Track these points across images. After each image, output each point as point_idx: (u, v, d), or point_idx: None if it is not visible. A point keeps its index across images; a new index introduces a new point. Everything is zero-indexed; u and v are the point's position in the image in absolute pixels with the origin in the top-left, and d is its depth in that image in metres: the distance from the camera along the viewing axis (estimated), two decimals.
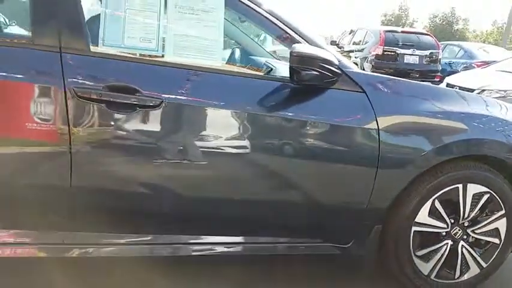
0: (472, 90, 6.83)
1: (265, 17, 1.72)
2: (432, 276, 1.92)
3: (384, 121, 1.72)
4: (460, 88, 7.13)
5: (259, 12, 1.72)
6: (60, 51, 1.47)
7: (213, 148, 1.60)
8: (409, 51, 9.45)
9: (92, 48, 1.53)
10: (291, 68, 1.58)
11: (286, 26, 1.74)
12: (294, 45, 1.58)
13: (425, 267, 1.90)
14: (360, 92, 1.74)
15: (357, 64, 9.98)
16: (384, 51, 9.40)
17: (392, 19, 50.17)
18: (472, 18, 55.00)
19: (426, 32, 10.71)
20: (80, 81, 1.47)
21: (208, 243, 1.74)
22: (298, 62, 1.56)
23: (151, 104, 1.52)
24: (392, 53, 9.40)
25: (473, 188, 1.85)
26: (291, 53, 1.56)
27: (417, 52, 9.47)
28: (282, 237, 1.80)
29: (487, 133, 1.90)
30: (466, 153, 1.85)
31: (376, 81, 1.84)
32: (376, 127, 1.71)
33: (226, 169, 1.65)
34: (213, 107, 1.61)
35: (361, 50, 10.27)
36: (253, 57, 2.40)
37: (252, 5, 1.71)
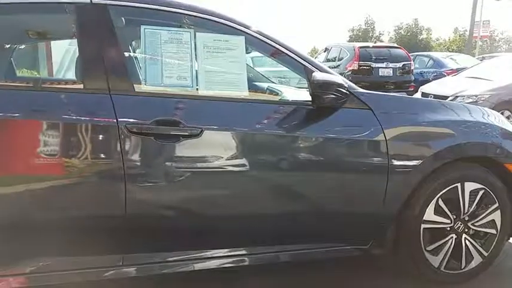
0: (446, 97, 7.28)
1: (281, 51, 1.97)
2: (442, 268, 2.15)
3: (390, 133, 1.98)
4: (435, 96, 7.60)
5: (276, 47, 1.97)
6: (110, 93, 1.67)
7: (249, 167, 1.81)
8: (383, 65, 9.94)
9: (136, 88, 1.74)
10: (312, 94, 1.83)
11: (299, 56, 1.99)
12: (313, 74, 1.83)
13: (435, 260, 2.13)
14: (367, 109, 2.00)
15: None
16: (360, 66, 9.85)
17: (360, 33, 51.87)
18: (434, 27, 57.41)
19: (397, 46, 11.27)
20: (130, 118, 1.66)
21: (248, 254, 1.93)
22: (319, 88, 1.81)
23: (192, 134, 1.72)
24: (367, 67, 9.86)
25: (469, 186, 2.12)
26: (312, 81, 1.81)
27: (390, 65, 9.96)
28: (311, 244, 2.01)
29: (474, 136, 2.18)
30: (459, 156, 2.12)
31: (378, 98, 2.10)
32: (384, 138, 1.96)
33: (264, 185, 1.86)
34: (245, 131, 1.83)
35: (337, 66, 10.69)
36: (255, 83, 2.64)
37: (268, 41, 1.96)
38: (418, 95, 8.21)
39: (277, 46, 1.97)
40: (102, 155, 1.65)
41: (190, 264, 1.83)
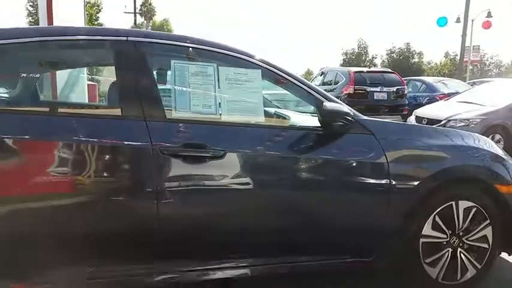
0: (439, 121, 7.59)
1: (293, 82, 2.22)
2: (439, 279, 2.35)
3: (391, 155, 2.20)
4: (428, 120, 7.90)
5: (288, 78, 2.21)
6: (145, 119, 1.89)
7: (266, 185, 2.03)
8: (378, 89, 10.28)
9: (168, 115, 1.96)
10: (323, 121, 2.06)
11: (309, 87, 2.24)
12: (324, 104, 2.07)
13: (433, 272, 2.33)
14: (369, 134, 2.23)
15: None
16: (355, 90, 10.18)
17: (353, 57, 52.90)
18: (425, 50, 58.74)
19: (391, 71, 11.67)
20: (163, 141, 1.88)
21: (263, 265, 2.12)
22: (329, 116, 2.05)
23: (216, 155, 1.94)
24: (362, 91, 10.19)
25: (463, 204, 2.33)
26: (323, 110, 2.04)
27: (385, 89, 10.31)
28: (318, 256, 2.20)
29: (466, 159, 2.41)
30: (453, 177, 2.35)
31: (379, 124, 2.34)
32: (386, 160, 2.19)
33: (279, 202, 2.07)
34: (262, 153, 2.06)
35: (333, 90, 11.03)
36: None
37: (281, 73, 2.21)
38: (412, 118, 8.52)
39: (290, 78, 2.23)
40: (139, 173, 1.86)
41: (211, 274, 2.02)
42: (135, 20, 36.36)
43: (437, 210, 2.29)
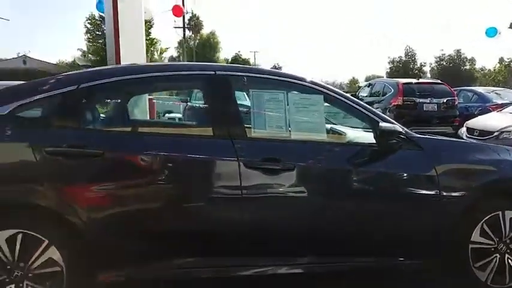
0: (492, 133, 7.53)
1: (351, 105, 2.57)
2: (488, 282, 2.57)
3: (440, 169, 2.48)
4: (481, 131, 7.84)
5: (348, 101, 2.57)
6: (232, 139, 2.32)
7: (331, 194, 2.40)
8: (427, 100, 10.28)
9: (248, 134, 2.38)
10: (379, 139, 2.39)
11: (365, 109, 2.58)
12: (380, 125, 2.40)
13: (482, 275, 2.56)
14: (420, 150, 2.53)
15: None
16: (404, 101, 10.25)
17: (400, 65, 51.78)
18: (477, 56, 56.27)
19: (440, 82, 11.60)
20: (248, 157, 2.28)
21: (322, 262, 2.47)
22: (384, 135, 2.38)
23: (288, 168, 2.32)
24: (411, 103, 10.24)
25: (509, 214, 2.56)
26: (379, 129, 2.37)
27: (434, 100, 10.29)
28: (377, 257, 2.51)
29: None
30: (499, 189, 2.59)
31: (429, 141, 2.64)
32: (435, 173, 2.47)
33: (342, 209, 2.42)
34: (326, 166, 2.43)
35: (381, 101, 11.15)
36: None
37: (342, 99, 2.57)
38: (463, 130, 8.47)
39: (348, 102, 2.59)
40: (228, 182, 2.29)
41: (287, 268, 2.41)
42: (184, 34, 37.93)
43: (485, 219, 2.53)
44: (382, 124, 2.42)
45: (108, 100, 2.83)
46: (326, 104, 2.61)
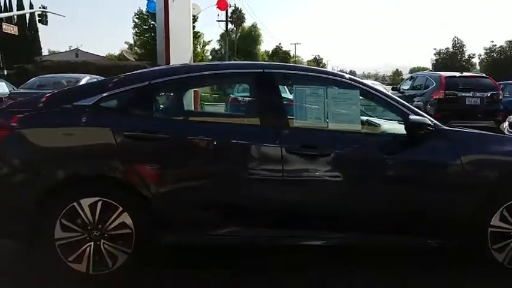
0: None
1: (385, 99, 2.88)
2: (505, 263, 2.82)
3: (466, 159, 2.74)
4: None
5: (381, 95, 2.88)
6: (276, 128, 2.70)
7: (364, 177, 2.73)
8: (470, 94, 10.17)
9: (291, 124, 2.75)
10: (409, 130, 2.69)
11: (397, 103, 2.87)
12: (410, 117, 2.69)
13: (500, 257, 2.81)
14: (447, 141, 2.80)
15: (420, 108, 10.84)
16: (446, 95, 10.19)
17: (447, 57, 49.94)
18: None
19: (484, 76, 11.38)
20: (288, 143, 2.66)
21: (354, 237, 2.81)
22: (414, 127, 2.67)
23: (325, 154, 2.68)
24: (453, 97, 10.17)
25: None
26: (409, 122, 2.67)
27: (477, 94, 10.16)
28: (405, 235, 2.82)
29: None
30: None
31: (456, 133, 2.90)
32: (460, 163, 2.74)
33: (374, 190, 2.75)
34: (360, 153, 2.76)
35: (423, 95, 11.12)
36: None
37: (376, 93, 2.88)
38: (505, 124, 8.39)
39: (382, 96, 2.89)
40: (272, 165, 2.67)
41: (321, 240, 2.79)
42: (226, 27, 38.63)
43: (506, 205, 2.77)
44: (412, 117, 2.72)
45: (172, 94, 3.30)
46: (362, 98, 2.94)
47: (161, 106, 2.99)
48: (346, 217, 2.76)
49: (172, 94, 3.32)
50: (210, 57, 52.46)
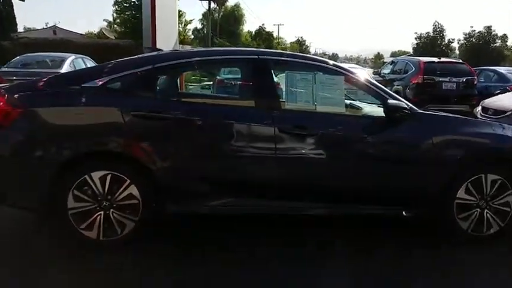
0: (504, 112, 7.93)
1: (366, 85, 3.20)
2: (469, 231, 3.22)
3: (437, 139, 3.10)
4: (494, 110, 8.24)
5: (363, 81, 3.20)
6: (270, 110, 2.98)
7: (346, 154, 3.06)
8: (447, 79, 10.64)
9: (282, 107, 3.04)
10: (387, 113, 3.01)
11: (378, 88, 3.20)
12: (388, 101, 3.02)
13: (464, 225, 3.20)
14: (421, 122, 3.14)
15: (399, 92, 11.29)
16: (424, 80, 10.63)
17: (428, 41, 50.68)
18: (511, 33, 54.35)
19: (461, 61, 11.85)
20: (280, 124, 2.95)
21: (338, 207, 3.15)
22: (392, 110, 3.00)
23: (312, 133, 2.99)
24: (431, 81, 10.61)
25: (489, 177, 3.16)
26: (388, 105, 3.00)
27: (454, 79, 10.63)
28: (380, 205, 3.18)
29: (497, 144, 3.23)
30: (483, 156, 3.19)
31: (429, 116, 3.25)
32: (432, 142, 3.09)
33: (353, 165, 3.08)
34: (343, 134, 3.08)
35: (402, 79, 11.54)
36: None
37: (358, 78, 3.19)
38: (478, 109, 8.86)
39: (364, 81, 3.21)
40: (266, 142, 2.96)
41: (309, 210, 3.12)
42: (209, 6, 38.17)
43: (470, 180, 3.15)
44: (390, 101, 3.05)
45: (174, 76, 3.53)
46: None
47: (164, 88, 3.23)
48: (332, 190, 3.09)
49: (174, 77, 3.56)
50: (192, 36, 51.82)
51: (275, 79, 3.33)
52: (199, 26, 51.49)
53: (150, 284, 2.57)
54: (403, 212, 3.20)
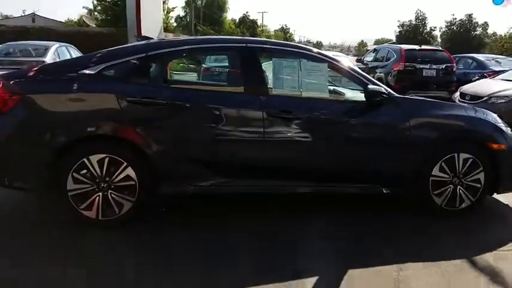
0: (481, 97, 8.29)
1: (348, 71, 3.40)
2: (443, 206, 3.48)
3: (413, 121, 3.33)
4: (472, 96, 8.60)
5: (345, 68, 3.40)
6: (258, 95, 3.17)
7: (329, 136, 3.28)
8: (427, 66, 10.97)
9: (270, 92, 3.23)
10: (367, 97, 3.23)
11: (359, 74, 3.41)
12: (368, 86, 3.23)
13: (439, 200, 3.47)
14: (399, 106, 3.37)
15: (381, 79, 11.59)
16: (405, 66, 10.94)
17: (410, 29, 51.25)
18: (491, 21, 55.28)
19: (441, 49, 12.18)
20: (268, 108, 3.14)
21: (323, 185, 3.38)
22: (372, 94, 3.21)
23: (298, 117, 3.19)
24: (412, 68, 10.93)
25: (463, 156, 3.42)
26: (368, 90, 3.21)
27: (434, 66, 10.98)
28: (362, 184, 3.42)
29: (469, 126, 3.49)
30: (457, 137, 3.45)
31: (406, 100, 3.48)
32: (409, 124, 3.32)
33: (334, 146, 3.30)
34: (327, 117, 3.28)
35: (384, 67, 11.83)
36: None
37: (340, 65, 3.40)
38: (457, 95, 9.21)
39: (346, 68, 3.42)
40: (255, 126, 3.15)
41: (296, 189, 3.34)
42: None
43: (444, 159, 3.40)
44: (370, 86, 3.26)
45: (167, 64, 3.67)
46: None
47: (156, 75, 3.38)
48: (316, 170, 3.31)
49: (166, 64, 3.70)
50: (175, 24, 51.20)
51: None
52: (182, 13, 50.96)
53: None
54: (383, 190, 3.45)
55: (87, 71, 3.06)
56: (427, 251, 2.92)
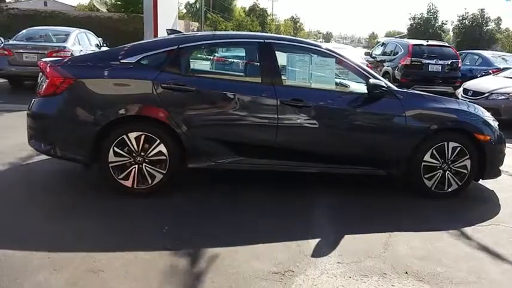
0: (483, 93, 8.68)
1: (352, 66, 3.87)
2: (433, 188, 3.96)
3: (409, 112, 3.79)
4: (474, 91, 8.98)
5: (350, 63, 3.87)
6: (273, 85, 3.64)
7: (333, 124, 3.75)
8: (433, 61, 11.34)
9: (284, 83, 3.71)
10: (369, 90, 3.69)
11: (362, 69, 3.87)
12: (369, 80, 3.70)
13: (429, 183, 3.94)
14: (397, 98, 3.83)
15: (388, 73, 11.97)
16: (412, 61, 11.32)
17: (422, 22, 51.02)
18: (505, 16, 54.67)
19: (448, 45, 12.50)
20: (282, 97, 3.62)
21: (327, 166, 3.86)
22: (372, 88, 3.68)
23: (307, 105, 3.66)
24: (418, 63, 11.31)
25: (452, 144, 3.89)
26: (369, 84, 3.67)
27: (440, 62, 11.34)
28: (360, 166, 3.90)
29: (459, 118, 3.95)
30: (447, 127, 3.91)
31: (404, 93, 3.94)
32: (404, 115, 3.79)
33: (338, 133, 3.78)
34: (333, 106, 3.76)
35: (392, 61, 12.21)
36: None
37: (346, 60, 3.86)
38: (460, 90, 9.59)
39: (351, 63, 3.89)
40: (269, 113, 3.63)
41: (303, 168, 3.83)
42: None
43: (435, 146, 3.87)
44: (371, 80, 3.73)
45: (196, 55, 4.17)
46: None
47: (186, 65, 3.87)
48: (321, 152, 3.80)
49: (196, 56, 4.19)
50: (185, 10, 51.38)
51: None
52: (192, 0, 51.16)
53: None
54: (381, 172, 3.93)
55: (127, 60, 3.56)
56: (416, 224, 3.41)
